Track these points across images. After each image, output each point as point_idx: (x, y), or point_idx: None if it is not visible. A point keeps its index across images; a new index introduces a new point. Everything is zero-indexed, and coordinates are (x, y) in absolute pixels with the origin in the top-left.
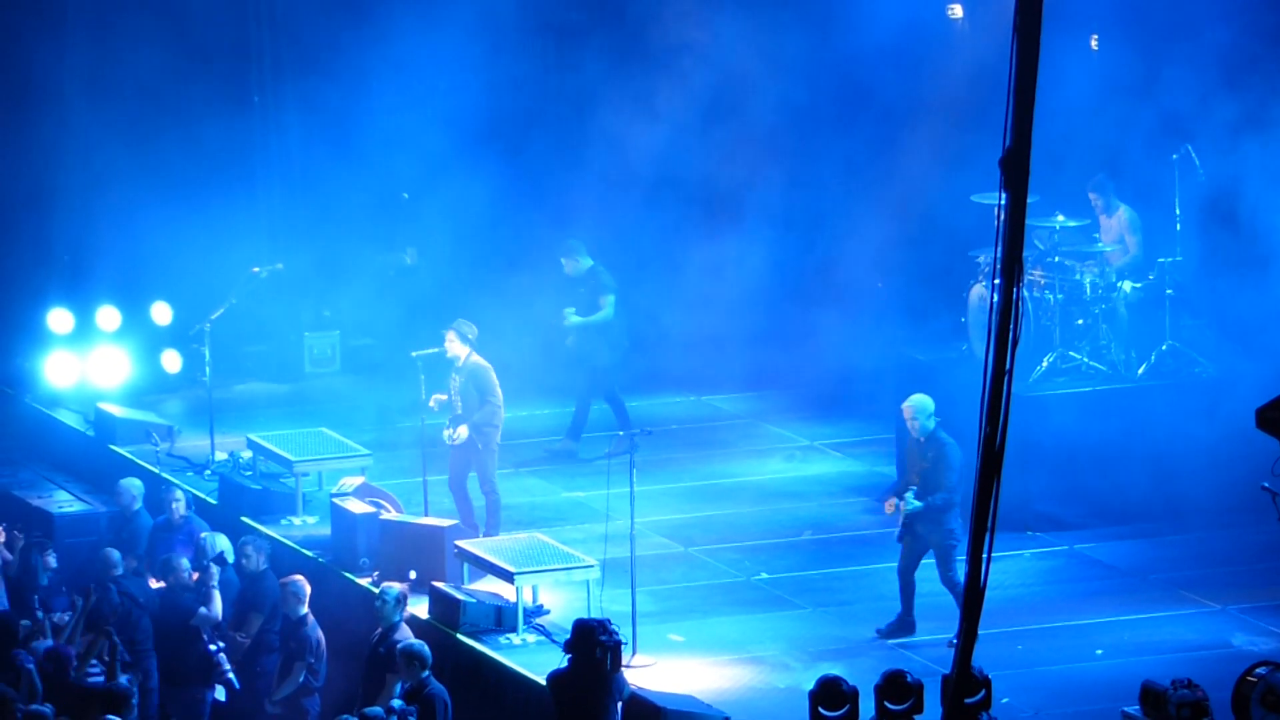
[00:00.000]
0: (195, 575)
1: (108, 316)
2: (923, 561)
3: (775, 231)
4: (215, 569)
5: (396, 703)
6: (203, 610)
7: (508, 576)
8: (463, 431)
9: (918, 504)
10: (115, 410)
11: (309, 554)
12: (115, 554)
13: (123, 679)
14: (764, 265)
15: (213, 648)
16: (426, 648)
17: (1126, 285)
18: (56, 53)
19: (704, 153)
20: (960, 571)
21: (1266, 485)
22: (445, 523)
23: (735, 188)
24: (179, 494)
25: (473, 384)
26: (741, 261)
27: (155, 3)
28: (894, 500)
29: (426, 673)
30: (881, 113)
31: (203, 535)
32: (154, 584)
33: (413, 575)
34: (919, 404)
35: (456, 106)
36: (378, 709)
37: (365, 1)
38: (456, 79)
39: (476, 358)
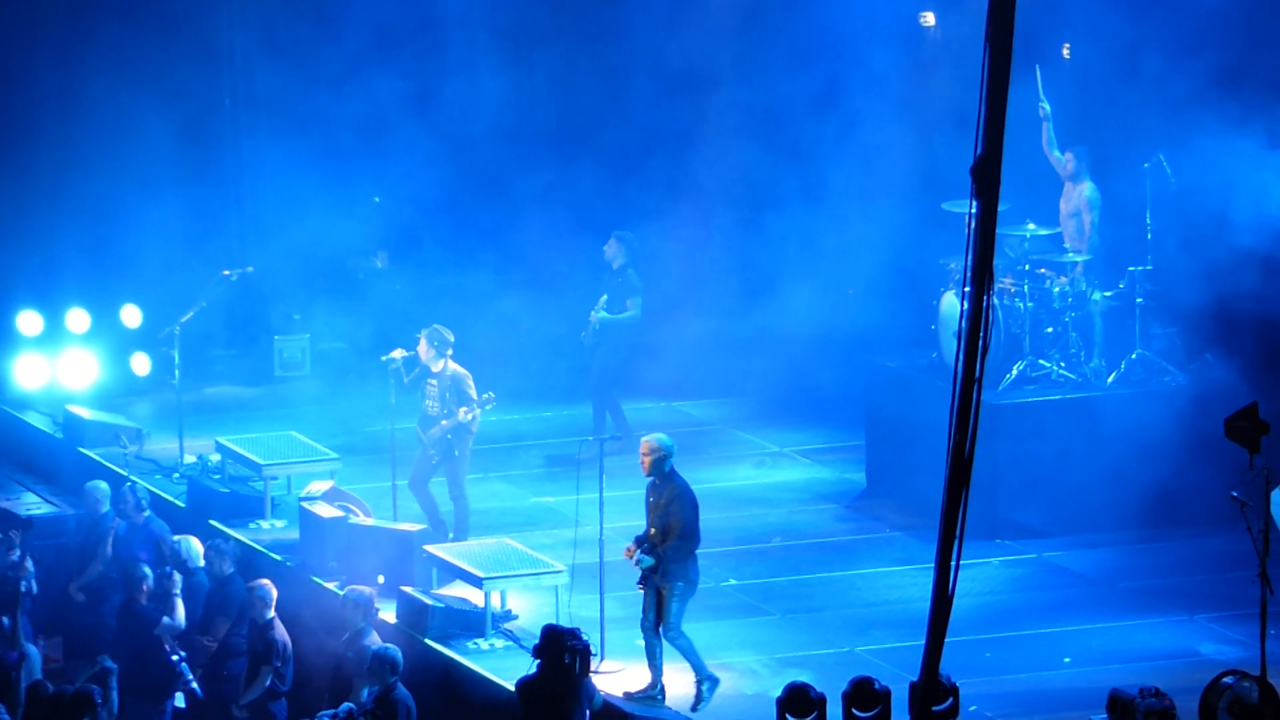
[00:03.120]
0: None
1: (77, 319)
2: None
3: (746, 237)
4: (178, 577)
5: (345, 705)
6: (166, 620)
7: (476, 582)
8: (464, 413)
9: (649, 560)
10: (84, 413)
11: (277, 558)
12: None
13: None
14: (734, 271)
15: (175, 658)
16: (396, 653)
17: (1097, 294)
18: (26, 55)
19: (674, 159)
20: (680, 622)
21: (1235, 494)
22: (414, 527)
23: (705, 195)
24: (130, 495)
25: (454, 392)
26: (712, 267)
27: (126, 7)
28: (633, 547)
29: (394, 678)
30: (853, 119)
31: (175, 539)
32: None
33: (381, 580)
34: (659, 441)
35: (429, 111)
36: (329, 711)
37: (337, 4)
38: (428, 83)
39: (455, 365)
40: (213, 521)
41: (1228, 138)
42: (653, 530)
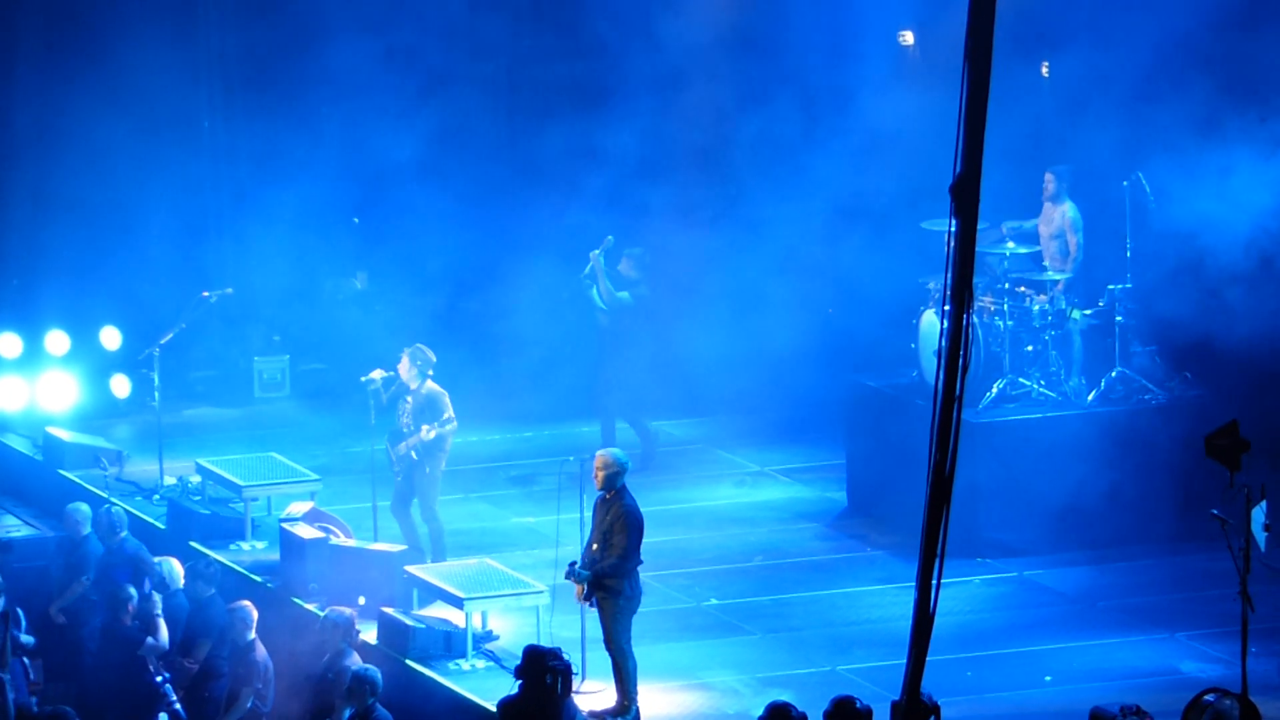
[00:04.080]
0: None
1: (56, 341)
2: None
3: (727, 256)
4: (158, 597)
5: None
6: (149, 640)
7: (457, 602)
8: (427, 431)
9: (585, 574)
10: (64, 435)
11: (258, 579)
12: None
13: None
14: (715, 290)
15: (159, 678)
16: (376, 674)
17: (1076, 313)
18: (5, 79)
19: (655, 179)
20: (619, 647)
21: (1216, 512)
22: (394, 548)
23: (687, 214)
24: (106, 518)
25: (428, 409)
26: (692, 286)
27: (104, 30)
28: (580, 587)
29: (374, 699)
30: (833, 138)
31: (156, 560)
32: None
33: (362, 601)
34: (613, 456)
35: (407, 130)
36: None
37: (313, 28)
38: (406, 104)
39: (432, 384)
40: (193, 543)
41: (1207, 155)
42: (594, 545)
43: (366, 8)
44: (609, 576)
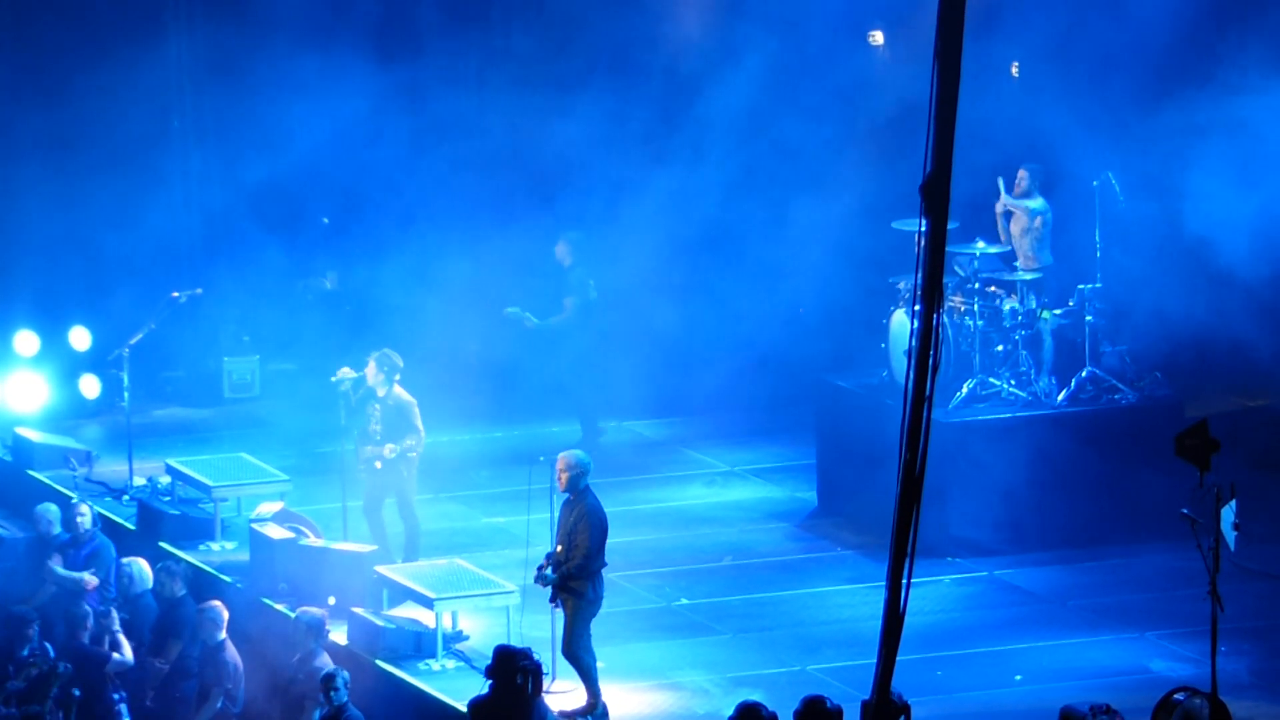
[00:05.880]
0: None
1: (26, 341)
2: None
3: (697, 257)
4: (115, 614)
5: None
6: (116, 657)
7: (427, 602)
8: (389, 450)
9: (552, 577)
10: (33, 435)
11: (228, 579)
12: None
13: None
14: (686, 290)
15: (115, 696)
16: (345, 674)
17: (1046, 313)
18: None
19: (627, 178)
20: (581, 646)
21: (1186, 512)
22: (364, 548)
23: (656, 214)
24: (84, 509)
25: (397, 418)
26: (663, 285)
27: (76, 24)
28: (539, 575)
29: (344, 699)
30: (803, 138)
31: (124, 561)
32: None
33: (332, 601)
34: (575, 458)
35: (376, 131)
36: None
37: (284, 23)
38: (377, 103)
39: (400, 390)
40: (162, 544)
41: (1179, 153)
42: (559, 547)
43: (338, 6)
44: (574, 579)
